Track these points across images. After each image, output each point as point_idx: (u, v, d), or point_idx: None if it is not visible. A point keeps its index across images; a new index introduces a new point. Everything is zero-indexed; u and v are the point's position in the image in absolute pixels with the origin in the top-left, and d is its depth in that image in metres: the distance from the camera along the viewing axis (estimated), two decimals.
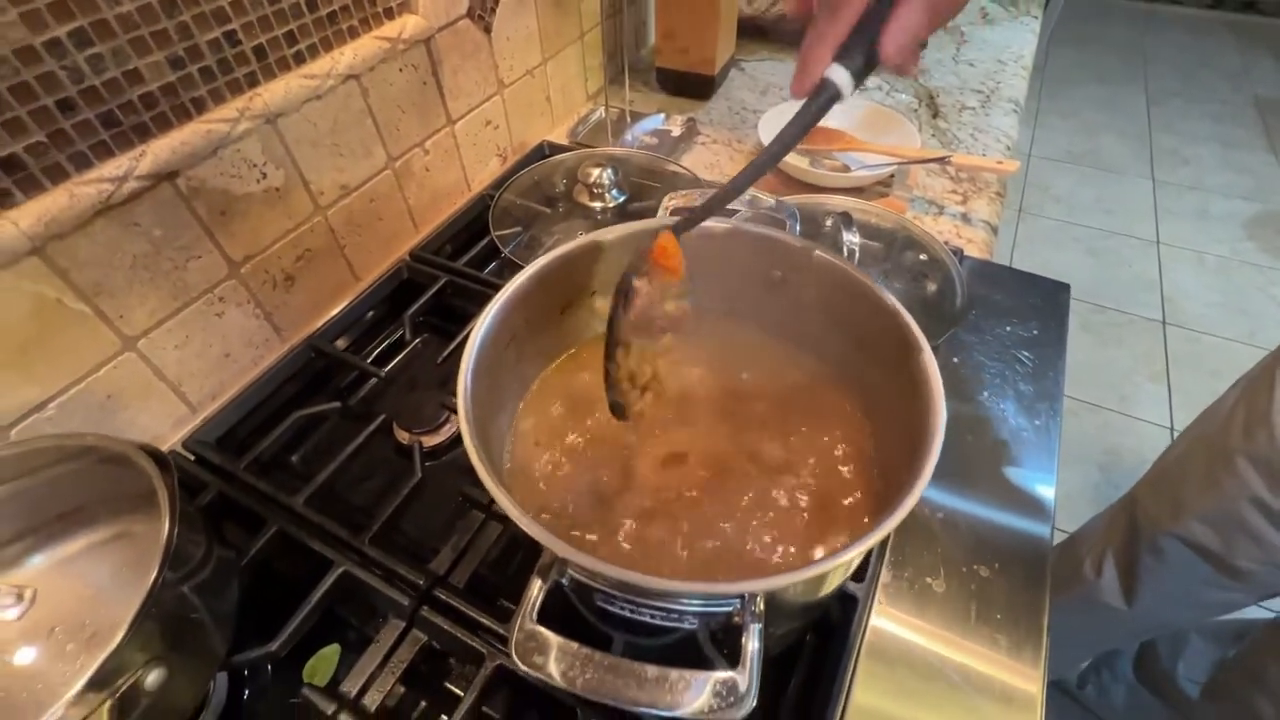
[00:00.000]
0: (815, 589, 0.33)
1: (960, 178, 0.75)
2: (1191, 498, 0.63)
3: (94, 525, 0.38)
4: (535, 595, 0.24)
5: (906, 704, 0.36)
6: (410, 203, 0.67)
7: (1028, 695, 0.36)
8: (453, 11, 0.63)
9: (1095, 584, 0.75)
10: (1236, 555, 0.62)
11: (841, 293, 0.36)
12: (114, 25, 0.39)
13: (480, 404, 0.30)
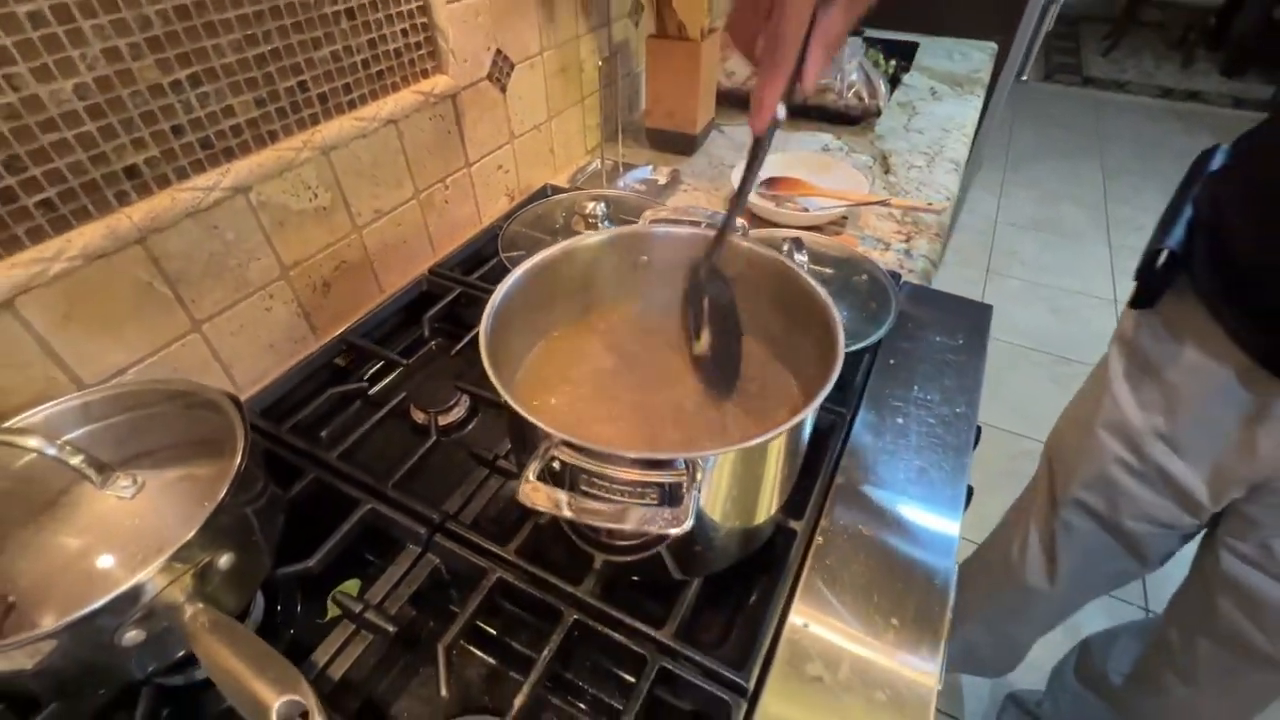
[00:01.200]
0: (751, 498, 0.41)
1: (905, 221, 0.87)
2: (1078, 467, 0.71)
3: (167, 466, 0.46)
4: (532, 464, 0.33)
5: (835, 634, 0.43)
6: (430, 229, 0.78)
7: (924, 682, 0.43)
8: (476, 74, 0.76)
9: (1021, 566, 0.82)
10: (1121, 515, 0.69)
11: (780, 281, 0.46)
12: (219, 72, 0.51)
13: (492, 349, 0.39)
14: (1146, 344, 0.65)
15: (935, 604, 0.44)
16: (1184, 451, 0.62)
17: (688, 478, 0.32)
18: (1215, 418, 0.58)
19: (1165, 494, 0.65)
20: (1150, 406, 0.64)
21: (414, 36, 0.67)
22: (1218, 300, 0.55)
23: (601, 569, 0.45)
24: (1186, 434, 0.62)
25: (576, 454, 0.33)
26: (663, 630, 0.41)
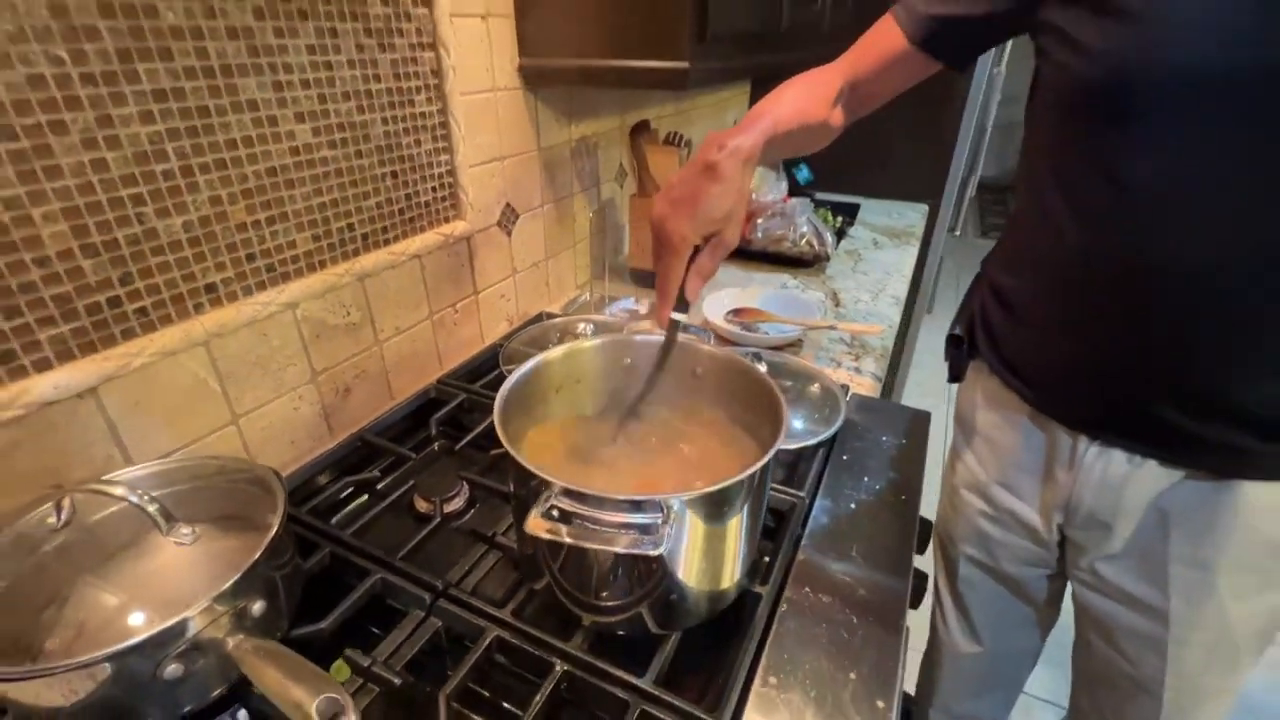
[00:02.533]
0: (718, 565, 0.48)
1: (854, 344, 1.00)
2: (956, 527, 0.78)
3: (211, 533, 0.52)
4: (536, 507, 0.40)
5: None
6: (440, 346, 0.89)
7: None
8: (488, 221, 0.92)
9: (949, 635, 0.85)
10: (999, 561, 0.75)
11: (736, 373, 0.57)
12: (290, 215, 0.64)
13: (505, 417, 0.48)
14: (966, 410, 0.76)
15: (888, 658, 0.49)
16: (1018, 492, 0.70)
17: (662, 515, 0.40)
18: (1027, 459, 0.68)
19: (1018, 533, 0.72)
20: (985, 461, 0.73)
21: (441, 191, 0.83)
22: (998, 366, 0.68)
23: (589, 627, 0.50)
24: (1014, 478, 0.70)
25: (573, 500, 0.40)
26: (643, 679, 0.45)
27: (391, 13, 0.69)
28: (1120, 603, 0.65)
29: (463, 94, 0.81)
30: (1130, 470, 0.59)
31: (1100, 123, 0.51)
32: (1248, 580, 0.58)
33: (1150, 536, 0.61)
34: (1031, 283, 0.62)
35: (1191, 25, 0.45)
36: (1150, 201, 0.50)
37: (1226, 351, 0.50)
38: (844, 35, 1.60)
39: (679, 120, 1.50)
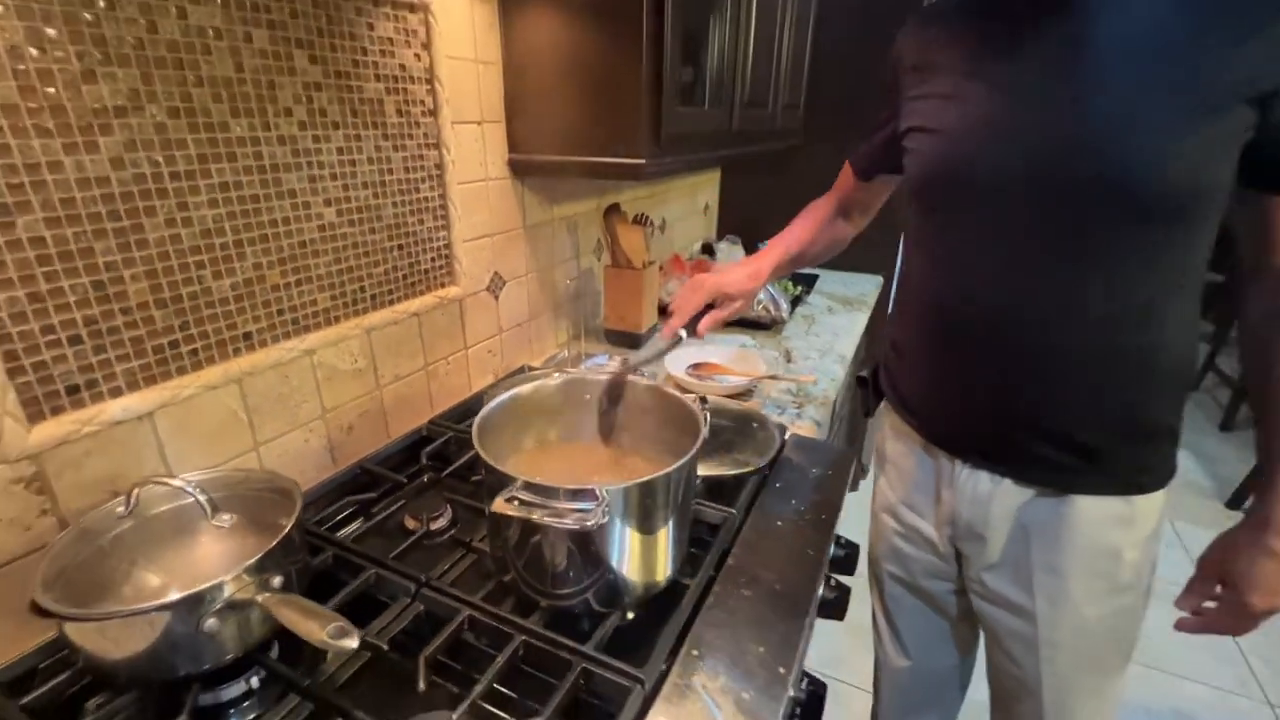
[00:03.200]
0: (651, 558, 0.59)
1: (799, 394, 1.14)
2: (879, 546, 0.89)
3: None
4: (502, 494, 0.52)
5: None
6: (432, 392, 1.02)
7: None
8: (478, 287, 1.07)
9: (884, 651, 0.93)
10: (915, 576, 0.85)
11: (668, 403, 0.70)
12: (314, 279, 0.79)
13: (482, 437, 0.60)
14: (880, 442, 0.89)
15: (793, 636, 0.60)
16: (919, 511, 0.82)
17: (597, 500, 0.52)
18: (922, 481, 0.80)
19: (924, 548, 0.83)
20: (894, 485, 0.85)
21: (438, 261, 0.98)
22: (896, 403, 0.82)
23: (545, 609, 0.60)
24: (915, 498, 0.82)
25: (530, 490, 0.53)
26: (586, 645, 0.56)
27: (405, 121, 0.87)
28: (1002, 608, 0.76)
29: (460, 183, 0.98)
30: (993, 488, 0.71)
31: (925, 208, 0.69)
32: (1096, 584, 0.70)
33: (1017, 546, 0.72)
34: (910, 331, 0.76)
35: (966, 132, 0.63)
36: (962, 265, 0.66)
37: (1040, 383, 0.64)
38: (796, 131, 1.84)
39: (653, 201, 1.70)
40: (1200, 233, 0.59)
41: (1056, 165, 0.59)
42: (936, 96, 0.68)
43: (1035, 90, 0.60)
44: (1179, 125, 0.54)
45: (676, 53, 0.96)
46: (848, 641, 1.64)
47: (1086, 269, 0.60)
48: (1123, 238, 0.58)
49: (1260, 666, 1.61)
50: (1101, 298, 0.60)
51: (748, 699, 0.54)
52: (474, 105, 0.98)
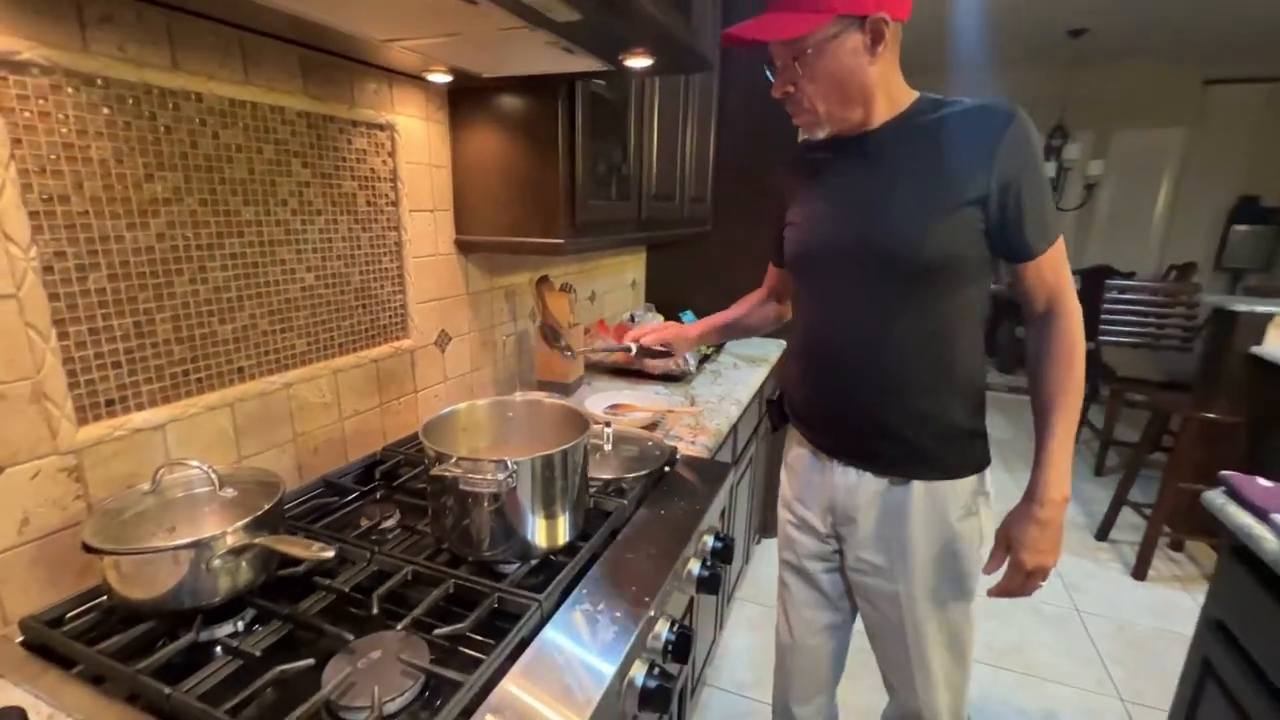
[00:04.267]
0: (553, 520, 0.80)
1: (696, 427, 1.38)
2: (780, 538, 1.12)
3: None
4: (441, 466, 0.73)
5: None
6: (385, 426, 1.21)
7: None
8: (427, 341, 1.30)
9: (778, 634, 1.14)
10: (801, 559, 1.07)
11: (567, 413, 0.93)
12: (294, 328, 1.00)
13: (427, 432, 0.81)
14: (784, 451, 1.14)
15: (659, 580, 0.81)
16: (807, 504, 1.06)
17: (511, 469, 0.73)
18: (811, 479, 1.04)
19: (810, 534, 1.06)
20: (791, 484, 1.09)
21: (395, 318, 1.21)
22: (794, 418, 1.07)
23: (472, 562, 0.80)
24: (805, 493, 1.06)
25: (463, 461, 0.74)
26: (502, 583, 0.75)
27: (372, 210, 1.12)
28: (871, 575, 1.00)
29: (415, 257, 1.23)
30: (859, 480, 0.97)
31: (795, 277, 1.00)
32: (933, 543, 0.95)
33: (879, 523, 0.97)
34: (795, 364, 1.04)
35: (814, 226, 0.92)
36: (818, 314, 0.95)
37: (877, 396, 0.91)
38: (704, 219, 2.18)
39: (584, 276, 1.99)
40: (963, 284, 0.88)
41: (865, 247, 0.89)
42: (798, 205, 1.00)
43: (849, 202, 0.92)
44: (929, 221, 0.85)
45: (587, 160, 1.26)
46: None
47: (893, 310, 0.89)
48: (911, 288, 0.88)
49: (1115, 668, 1.85)
50: (905, 328, 0.89)
51: (619, 615, 0.74)
52: (428, 197, 1.25)
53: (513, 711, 0.59)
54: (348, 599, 0.75)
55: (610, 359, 1.68)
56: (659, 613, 0.79)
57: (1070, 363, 0.88)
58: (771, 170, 1.11)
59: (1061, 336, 0.89)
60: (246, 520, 0.69)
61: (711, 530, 1.07)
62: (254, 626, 0.72)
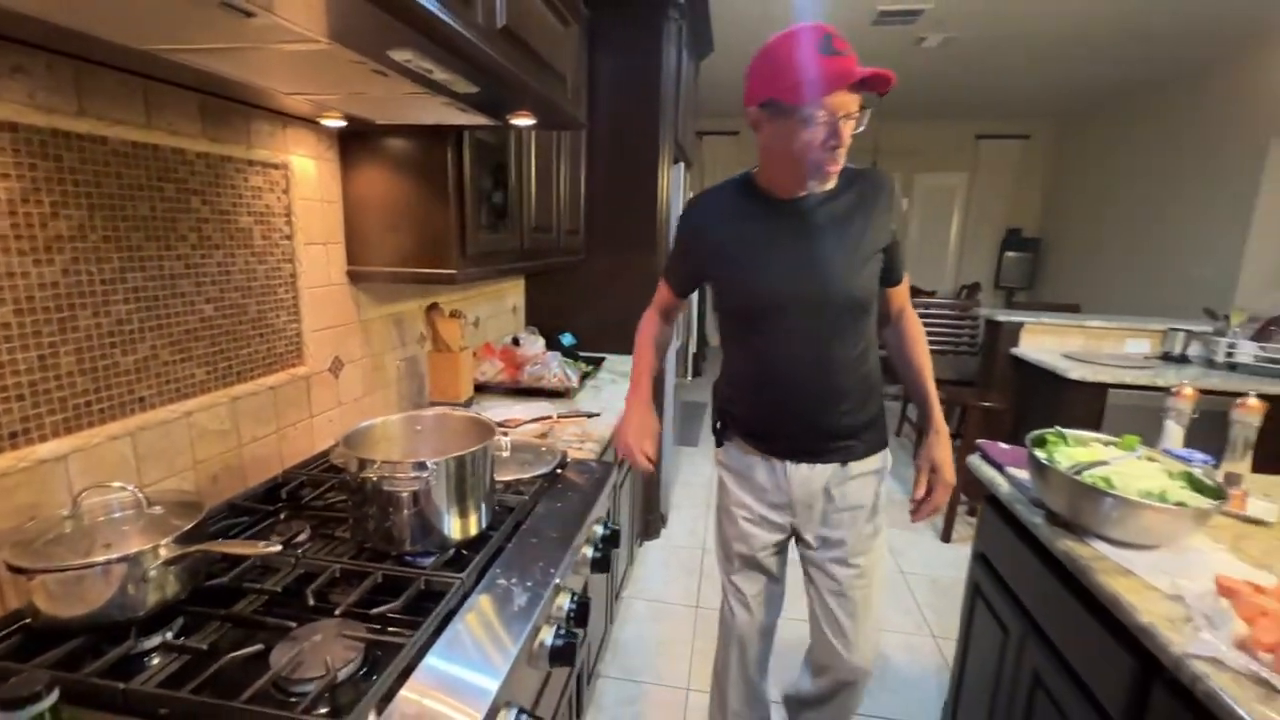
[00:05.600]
0: (466, 514, 0.93)
1: (584, 434, 1.55)
2: (730, 535, 1.31)
3: None
4: (370, 471, 0.83)
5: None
6: (283, 452, 1.25)
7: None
8: (322, 367, 1.35)
9: (734, 618, 1.33)
10: (755, 551, 1.27)
11: (472, 422, 1.06)
12: (194, 358, 1.03)
13: (348, 441, 0.90)
14: (728, 461, 1.32)
15: (560, 557, 0.96)
16: (764, 501, 1.26)
17: (431, 470, 0.85)
18: (765, 481, 1.24)
19: (765, 527, 1.27)
20: (743, 488, 1.28)
21: (291, 347, 1.26)
22: (742, 433, 1.27)
23: (393, 557, 0.90)
24: (760, 493, 1.26)
25: (385, 465, 0.85)
26: (426, 568, 0.87)
27: (268, 244, 1.18)
28: (826, 549, 1.23)
29: (308, 288, 1.29)
30: (809, 472, 1.19)
31: (742, 320, 1.18)
32: (863, 513, 1.20)
33: (829, 505, 1.20)
34: (742, 391, 1.23)
35: (769, 277, 1.11)
36: (774, 350, 1.14)
37: (824, 405, 1.13)
38: (578, 249, 2.38)
39: (468, 303, 2.09)
40: (872, 312, 1.16)
41: (821, 296, 1.11)
42: (736, 256, 1.15)
43: (791, 253, 1.11)
44: (861, 269, 1.12)
45: (474, 197, 1.40)
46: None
47: (832, 338, 1.14)
48: (845, 322, 1.14)
49: (928, 614, 2.26)
50: (840, 352, 1.14)
51: (530, 585, 0.88)
52: (321, 231, 1.32)
53: (448, 666, 0.72)
54: (279, 599, 0.82)
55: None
56: (563, 584, 0.95)
57: (923, 337, 1.27)
58: (686, 215, 1.25)
59: (915, 323, 1.27)
60: (180, 532, 0.75)
61: (600, 520, 1.24)
62: (185, 635, 0.77)
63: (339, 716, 0.62)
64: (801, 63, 0.96)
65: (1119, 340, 2.90)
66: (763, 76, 1.02)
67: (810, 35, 0.96)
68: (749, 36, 3.86)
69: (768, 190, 1.14)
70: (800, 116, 0.99)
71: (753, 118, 1.07)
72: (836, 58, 0.95)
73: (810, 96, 0.96)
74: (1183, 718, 0.80)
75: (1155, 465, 1.14)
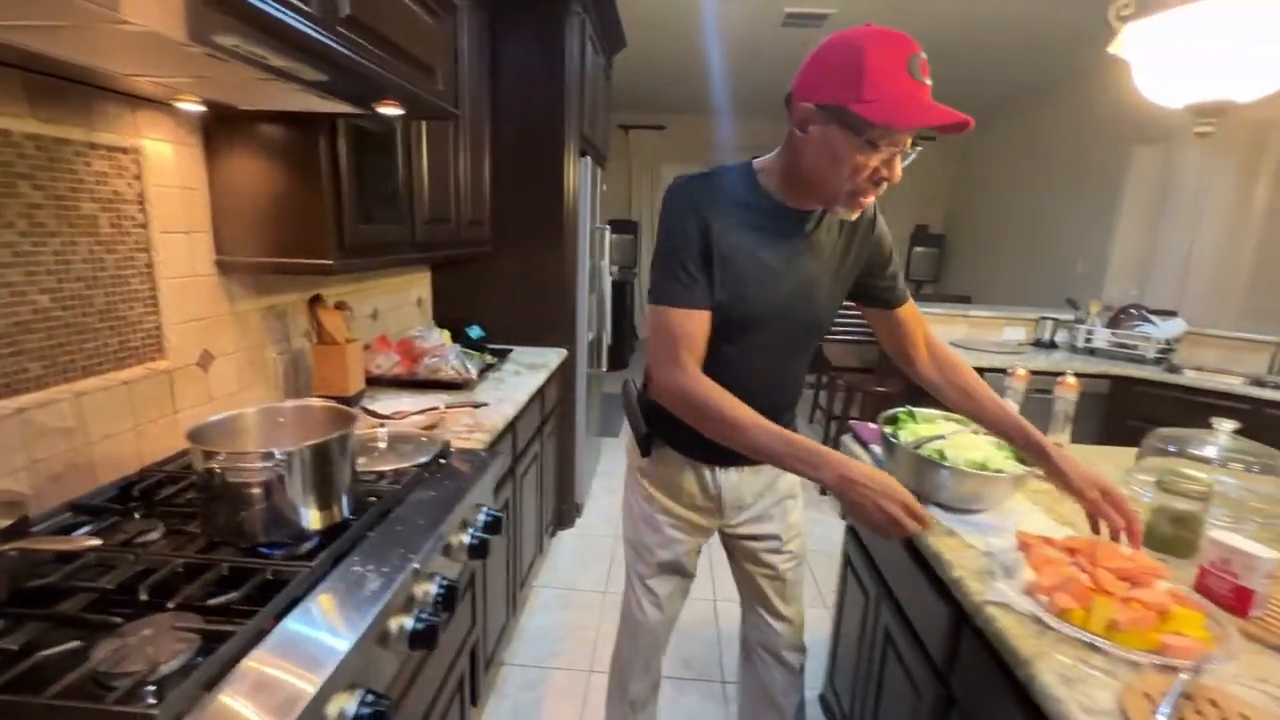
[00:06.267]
0: (326, 500, 0.93)
1: (474, 424, 1.55)
2: (649, 541, 1.29)
3: None
4: (214, 462, 0.82)
5: None
6: (142, 449, 1.20)
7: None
8: (189, 361, 1.30)
9: (644, 614, 1.32)
10: (678, 555, 1.27)
11: (335, 413, 1.05)
12: (27, 350, 0.98)
13: (197, 435, 0.89)
14: (652, 469, 1.28)
15: (424, 543, 0.97)
16: (690, 506, 1.26)
17: (278, 459, 0.85)
18: (691, 490, 1.24)
19: (691, 532, 1.27)
20: (669, 494, 1.26)
21: (149, 340, 1.20)
22: (671, 443, 1.23)
23: (245, 549, 0.89)
24: (686, 499, 1.25)
25: (235, 456, 0.84)
26: (275, 559, 0.86)
27: (117, 231, 1.12)
28: (759, 539, 1.27)
29: (169, 278, 1.23)
30: (738, 476, 1.22)
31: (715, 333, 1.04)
32: (790, 503, 1.26)
33: (760, 502, 1.25)
34: None
35: (762, 294, 1.05)
36: (737, 364, 1.07)
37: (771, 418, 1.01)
38: (484, 241, 2.37)
39: (362, 293, 2.04)
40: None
41: (797, 313, 1.08)
42: (738, 265, 1.02)
43: (795, 275, 1.05)
44: (837, 292, 1.14)
45: (353, 187, 1.38)
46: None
47: (796, 354, 1.16)
48: (810, 339, 1.16)
49: (824, 588, 2.40)
50: (799, 365, 1.18)
51: (385, 571, 0.90)
52: (183, 219, 1.26)
53: (287, 648, 0.72)
54: (111, 596, 0.80)
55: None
56: (424, 569, 0.96)
57: (968, 365, 1.26)
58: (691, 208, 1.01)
59: (953, 351, 1.27)
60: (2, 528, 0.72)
61: (480, 506, 1.26)
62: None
63: (157, 705, 0.62)
64: (890, 79, 0.84)
65: (999, 328, 3.15)
66: (838, 75, 0.87)
67: (901, 48, 0.85)
68: (664, 34, 3.93)
69: (776, 194, 1.03)
70: (867, 138, 0.87)
71: (802, 114, 0.93)
72: (922, 86, 0.86)
73: (890, 120, 0.85)
74: (982, 656, 0.91)
75: (985, 439, 1.26)
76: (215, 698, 0.65)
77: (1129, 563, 0.87)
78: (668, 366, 1.01)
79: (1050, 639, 0.81)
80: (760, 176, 1.04)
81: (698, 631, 2.16)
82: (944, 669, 1.04)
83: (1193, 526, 1.04)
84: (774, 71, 4.64)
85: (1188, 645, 0.75)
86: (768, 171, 1.04)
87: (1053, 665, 0.77)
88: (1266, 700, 0.73)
